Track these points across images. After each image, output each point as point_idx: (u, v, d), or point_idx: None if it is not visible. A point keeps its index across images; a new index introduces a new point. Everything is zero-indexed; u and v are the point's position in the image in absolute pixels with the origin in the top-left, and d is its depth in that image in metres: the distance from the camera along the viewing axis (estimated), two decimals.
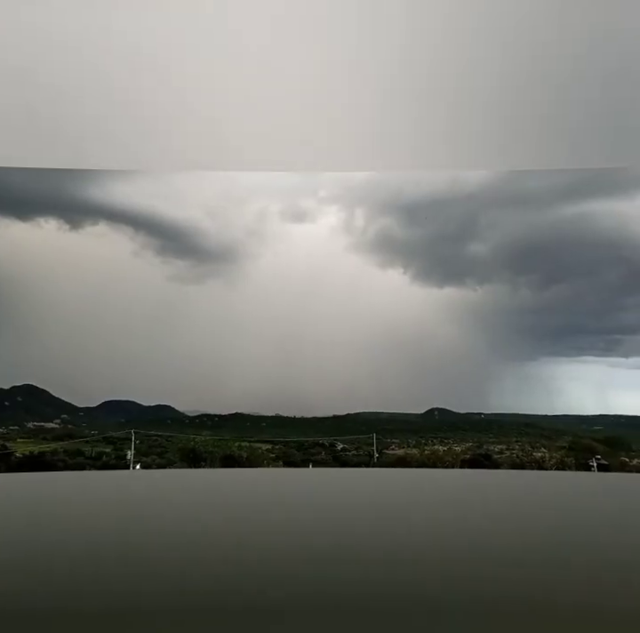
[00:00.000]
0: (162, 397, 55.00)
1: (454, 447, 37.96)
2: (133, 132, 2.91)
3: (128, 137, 2.97)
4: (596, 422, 61.29)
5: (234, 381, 57.39)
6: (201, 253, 59.32)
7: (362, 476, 5.30)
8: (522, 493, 3.23)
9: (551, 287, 67.86)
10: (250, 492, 3.25)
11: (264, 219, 59.69)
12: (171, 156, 3.19)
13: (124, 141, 3.02)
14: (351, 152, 3.11)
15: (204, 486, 3.52)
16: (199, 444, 28.12)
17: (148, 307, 57.18)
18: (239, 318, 60.18)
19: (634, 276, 68.54)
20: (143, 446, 35.31)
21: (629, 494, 3.17)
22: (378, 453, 32.85)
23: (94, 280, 54.82)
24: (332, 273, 60.70)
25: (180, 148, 3.11)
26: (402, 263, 65.63)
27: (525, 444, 45.65)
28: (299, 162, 3.43)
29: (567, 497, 3.06)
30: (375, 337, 61.26)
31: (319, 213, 60.30)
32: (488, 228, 62.70)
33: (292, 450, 37.10)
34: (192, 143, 3.04)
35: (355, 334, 60.59)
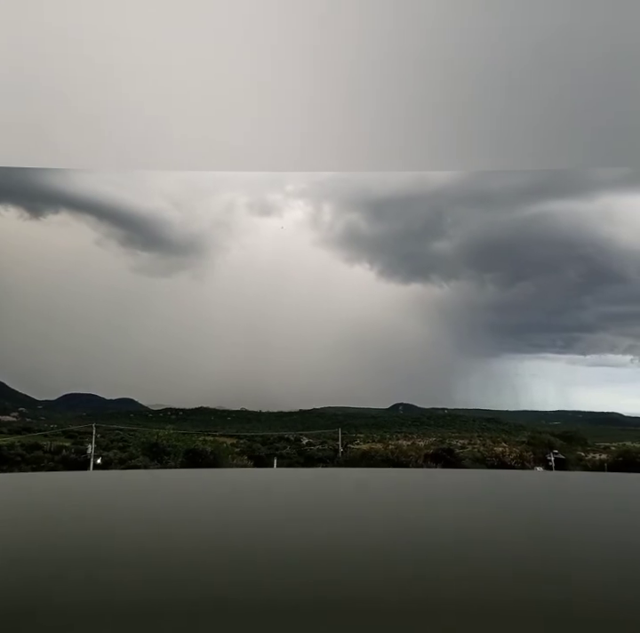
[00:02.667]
0: (125, 391, 54.02)
1: (418, 442, 38.49)
2: (132, 131, 2.86)
3: (125, 137, 2.91)
4: (554, 418, 63.08)
5: (199, 375, 56.79)
6: (167, 245, 58.38)
7: (350, 475, 5.33)
8: (512, 493, 3.28)
9: (515, 285, 69.39)
10: (236, 493, 3.20)
11: (231, 211, 59.08)
12: (161, 156, 3.14)
13: (124, 141, 2.96)
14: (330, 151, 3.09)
15: (190, 487, 3.45)
16: (162, 438, 27.70)
17: (112, 298, 55.96)
18: (205, 311, 59.51)
19: (592, 274, 70.63)
20: (104, 440, 34.61)
21: (629, 494, 3.25)
22: (343, 448, 33.03)
23: (55, 269, 53.33)
24: (299, 267, 60.61)
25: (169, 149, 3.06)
26: (368, 259, 66.05)
27: (487, 439, 46.65)
28: (288, 162, 3.39)
29: (556, 497, 3.11)
30: (342, 332, 61.50)
31: (286, 207, 60.05)
32: (453, 225, 63.65)
33: (258, 444, 36.98)
34: (177, 144, 2.99)
35: (321, 329, 60.71)
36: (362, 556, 1.87)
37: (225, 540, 2.10)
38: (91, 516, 2.53)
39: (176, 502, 2.82)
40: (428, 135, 2.83)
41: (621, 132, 2.66)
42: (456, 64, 2.27)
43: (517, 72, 2.30)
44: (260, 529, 2.24)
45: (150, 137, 2.93)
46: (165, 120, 2.76)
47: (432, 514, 2.56)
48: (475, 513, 2.57)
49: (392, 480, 4.33)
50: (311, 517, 2.43)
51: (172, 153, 3.13)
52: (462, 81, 2.35)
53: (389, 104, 2.58)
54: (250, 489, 3.38)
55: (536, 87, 2.37)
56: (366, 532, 2.18)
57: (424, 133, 2.83)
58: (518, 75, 2.31)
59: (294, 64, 2.35)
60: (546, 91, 2.39)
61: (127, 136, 2.89)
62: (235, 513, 2.56)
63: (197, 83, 2.48)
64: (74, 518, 2.51)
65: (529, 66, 2.26)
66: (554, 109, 2.53)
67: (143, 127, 2.83)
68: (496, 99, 2.48)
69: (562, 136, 2.76)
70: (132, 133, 2.87)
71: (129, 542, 2.06)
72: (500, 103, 2.52)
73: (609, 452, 32.63)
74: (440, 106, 2.56)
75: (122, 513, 2.57)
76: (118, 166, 3.60)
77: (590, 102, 2.42)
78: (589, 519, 2.48)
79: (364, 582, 1.61)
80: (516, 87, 2.40)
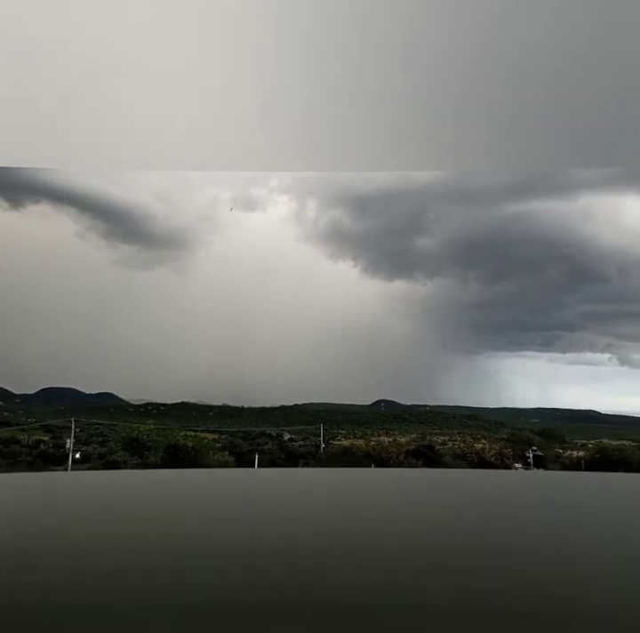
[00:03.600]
0: (105, 385, 53.45)
1: (399, 438, 38.70)
2: (129, 131, 2.84)
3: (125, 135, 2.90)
4: (533, 415, 63.95)
5: (181, 369, 56.41)
6: (149, 238, 57.76)
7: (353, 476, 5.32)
8: (509, 493, 3.29)
9: (498, 283, 70.05)
10: (225, 494, 3.16)
11: (215, 206, 58.62)
12: (159, 156, 3.13)
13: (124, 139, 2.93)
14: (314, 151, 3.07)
15: (180, 488, 3.40)
16: (143, 433, 27.48)
17: (94, 291, 55.23)
18: (189, 305, 59.07)
19: (574, 273, 71.61)
20: (84, 435, 34.25)
21: (629, 494, 3.28)
22: (324, 444, 33.09)
23: (35, 260, 52.45)
24: (284, 263, 60.41)
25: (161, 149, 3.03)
26: (352, 255, 66.07)
27: (467, 435, 47.11)
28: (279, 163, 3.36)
29: (554, 496, 3.13)
30: (325, 328, 61.52)
31: (270, 203, 59.78)
32: (436, 222, 63.97)
33: (239, 440, 36.87)
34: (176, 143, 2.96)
35: (305, 325, 60.66)
36: (356, 556, 1.85)
37: (218, 542, 2.06)
38: (76, 518, 2.48)
39: (161, 504, 2.77)
40: (424, 135, 2.82)
41: (608, 132, 2.68)
42: (447, 64, 2.25)
43: (509, 72, 2.29)
44: (252, 530, 2.21)
45: (147, 137, 2.90)
46: (162, 120, 2.73)
47: (427, 514, 2.56)
48: (465, 512, 2.57)
49: (378, 480, 4.33)
50: (302, 518, 2.41)
51: (171, 153, 3.11)
52: (453, 81, 2.34)
53: (383, 104, 2.56)
54: (237, 489, 3.35)
55: (525, 87, 2.37)
56: (358, 532, 2.17)
57: (419, 134, 2.82)
58: (509, 75, 2.31)
59: (290, 63, 2.32)
60: (534, 91, 2.39)
61: (128, 136, 2.87)
62: (223, 515, 2.52)
63: (194, 83, 2.45)
64: (62, 521, 2.45)
65: (520, 66, 2.25)
66: (540, 110, 2.53)
67: (141, 127, 2.80)
68: (489, 100, 2.47)
69: (548, 137, 2.77)
70: (131, 133, 2.84)
71: (118, 545, 2.02)
72: (491, 105, 2.52)
73: (586, 449, 33.16)
74: (434, 106, 2.54)
75: (105, 514, 2.52)
76: (118, 166, 3.54)
77: (577, 103, 2.42)
78: (587, 519, 2.50)
79: (358, 583, 1.59)
80: (508, 88, 2.39)
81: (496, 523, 2.42)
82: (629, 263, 73.13)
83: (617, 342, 79.45)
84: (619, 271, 73.29)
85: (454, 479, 4.47)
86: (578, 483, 4.17)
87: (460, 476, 6.24)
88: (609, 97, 2.38)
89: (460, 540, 2.11)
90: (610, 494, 3.17)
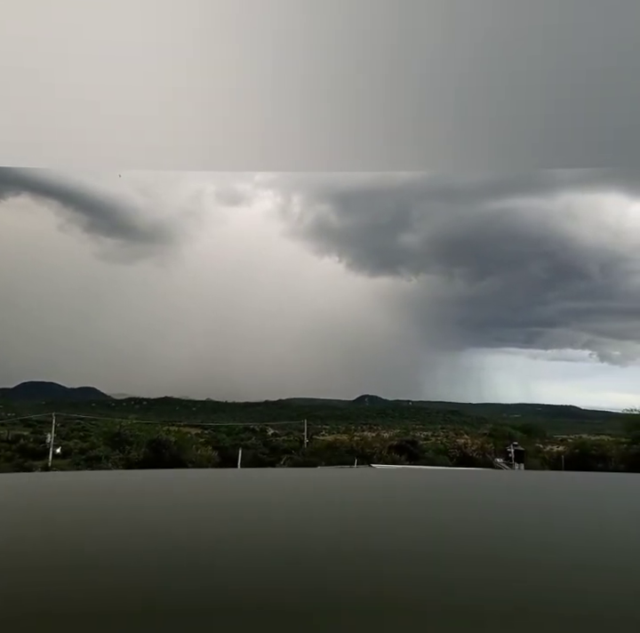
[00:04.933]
0: (87, 380, 52.88)
1: (383, 434, 38.93)
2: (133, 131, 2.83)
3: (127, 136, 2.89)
4: (515, 410, 64.78)
5: (165, 364, 55.99)
6: (132, 232, 57.10)
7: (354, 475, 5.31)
8: (509, 493, 3.31)
9: (483, 279, 70.58)
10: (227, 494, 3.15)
11: (199, 200, 58.11)
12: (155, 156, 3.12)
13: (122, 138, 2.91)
14: None
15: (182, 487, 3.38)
16: (125, 428, 27.20)
17: (76, 284, 54.51)
18: (171, 300, 58.60)
19: (555, 270, 72.47)
20: (65, 430, 33.87)
21: (631, 494, 3.31)
22: (308, 439, 33.13)
23: (16, 252, 51.58)
24: (269, 258, 60.17)
25: None
26: (337, 251, 66.09)
27: (449, 430, 47.56)
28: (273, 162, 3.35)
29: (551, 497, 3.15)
30: (310, 323, 61.51)
31: (255, 197, 59.43)
32: (421, 219, 64.21)
33: (223, 435, 36.77)
34: None
35: (290, 320, 60.57)
36: (353, 559, 1.84)
37: (219, 543, 2.05)
38: (51, 521, 2.44)
39: (150, 504, 2.74)
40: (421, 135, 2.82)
41: (591, 132, 2.70)
42: (444, 64, 2.25)
43: (491, 74, 2.29)
44: (245, 531, 2.20)
45: (144, 137, 2.88)
46: (158, 120, 2.70)
47: (420, 515, 2.56)
48: (462, 513, 2.57)
49: (366, 480, 4.33)
50: (298, 519, 2.40)
51: (166, 153, 3.09)
52: (447, 81, 2.33)
53: (381, 104, 2.56)
54: (225, 490, 3.33)
55: (511, 88, 2.37)
56: (346, 534, 2.16)
57: (413, 134, 2.82)
58: (494, 76, 2.31)
59: (288, 63, 2.30)
60: (520, 91, 2.39)
61: (129, 136, 2.84)
62: (214, 516, 2.50)
63: (190, 83, 2.43)
64: (51, 522, 2.41)
65: (507, 68, 2.25)
66: (522, 111, 2.54)
67: (138, 127, 2.77)
68: (479, 101, 2.47)
69: (533, 138, 2.79)
70: (129, 133, 2.81)
71: (107, 547, 1.99)
72: (486, 106, 2.52)
73: (566, 444, 33.66)
74: (433, 107, 2.54)
75: (90, 516, 2.48)
76: (118, 166, 3.50)
77: (560, 104, 2.44)
78: (585, 518, 2.52)
79: (358, 586, 1.58)
80: (496, 90, 2.40)
81: (494, 523, 2.44)
82: (610, 260, 74.30)
83: (597, 339, 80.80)
84: (600, 268, 74.41)
85: (446, 478, 4.50)
86: (564, 482, 4.22)
87: (452, 474, 6.29)
88: (593, 98, 2.40)
89: (460, 539, 2.12)
90: (611, 495, 3.21)
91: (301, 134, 2.81)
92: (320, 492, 3.20)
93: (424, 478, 4.44)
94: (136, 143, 2.89)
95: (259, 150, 2.99)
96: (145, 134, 2.78)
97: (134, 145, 2.90)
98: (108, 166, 3.62)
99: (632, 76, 2.21)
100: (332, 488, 3.46)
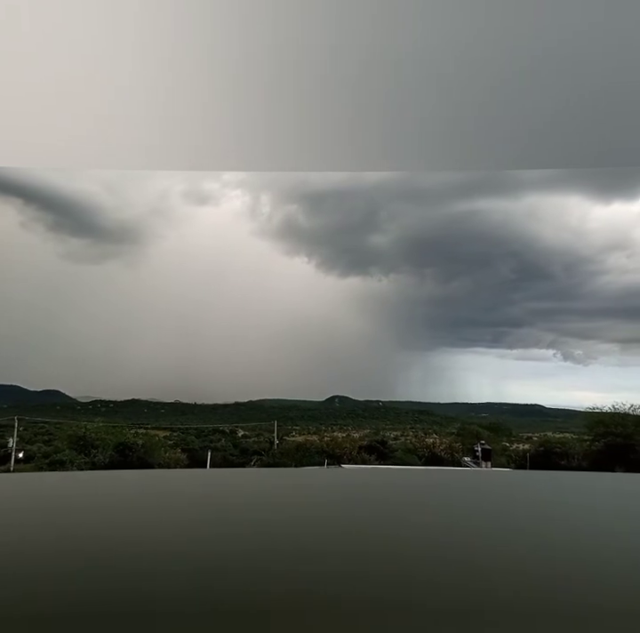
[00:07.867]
0: (51, 382, 51.56)
1: (353, 434, 39.09)
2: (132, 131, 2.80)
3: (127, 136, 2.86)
4: (483, 410, 65.89)
5: (131, 365, 55.00)
6: (98, 231, 55.90)
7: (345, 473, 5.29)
8: (508, 491, 3.34)
9: (454, 279, 71.53)
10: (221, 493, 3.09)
11: (166, 199, 57.26)
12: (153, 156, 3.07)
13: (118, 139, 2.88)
14: None
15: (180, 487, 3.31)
16: (90, 431, 26.61)
17: (39, 284, 53.06)
18: (140, 300, 57.60)
19: (520, 271, 73.93)
20: (28, 434, 32.99)
21: (631, 494, 3.37)
22: (278, 440, 33.01)
23: None
24: (238, 258, 59.70)
25: None
26: (306, 252, 66.03)
27: (419, 430, 48.09)
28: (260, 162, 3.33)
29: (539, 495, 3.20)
30: (280, 324, 61.30)
31: (223, 197, 58.92)
32: (390, 220, 64.69)
33: (192, 437, 36.37)
34: None
35: (259, 320, 60.24)
36: (351, 559, 1.83)
37: (213, 543, 2.01)
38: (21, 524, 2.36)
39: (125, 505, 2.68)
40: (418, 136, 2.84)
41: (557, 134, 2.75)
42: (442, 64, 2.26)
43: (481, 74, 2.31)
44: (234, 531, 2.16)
45: (141, 137, 2.84)
46: (153, 120, 2.67)
47: (410, 514, 2.56)
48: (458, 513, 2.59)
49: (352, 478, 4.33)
50: (294, 519, 2.38)
51: (157, 153, 3.06)
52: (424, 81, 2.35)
53: (378, 104, 2.56)
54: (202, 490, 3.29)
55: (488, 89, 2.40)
56: (338, 535, 2.15)
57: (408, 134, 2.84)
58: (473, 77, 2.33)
59: (287, 63, 2.29)
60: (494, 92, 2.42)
61: (129, 136, 2.80)
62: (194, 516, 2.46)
63: (184, 83, 2.40)
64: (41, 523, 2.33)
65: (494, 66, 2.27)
66: (494, 112, 2.57)
67: (134, 127, 2.73)
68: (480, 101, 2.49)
69: (500, 140, 2.83)
70: (133, 133, 2.77)
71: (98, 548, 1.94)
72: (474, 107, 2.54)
73: (531, 442, 34.40)
74: (432, 107, 2.56)
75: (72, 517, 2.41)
76: (118, 166, 3.44)
77: (531, 105, 2.48)
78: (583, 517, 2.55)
79: (357, 587, 1.57)
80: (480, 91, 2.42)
81: (491, 523, 2.46)
82: (573, 261, 76.22)
83: (561, 338, 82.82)
84: (563, 269, 76.23)
85: (417, 477, 4.54)
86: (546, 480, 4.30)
87: (422, 474, 6.34)
88: (563, 99, 2.44)
89: (459, 540, 2.12)
90: (612, 495, 3.28)
91: (267, 134, 2.81)
92: (290, 492, 3.20)
93: (393, 478, 4.48)
94: (128, 143, 2.85)
95: (271, 151, 2.97)
96: (135, 134, 2.75)
97: (128, 145, 2.87)
98: (99, 166, 3.56)
99: (601, 78, 2.26)
100: (305, 487, 3.45)
